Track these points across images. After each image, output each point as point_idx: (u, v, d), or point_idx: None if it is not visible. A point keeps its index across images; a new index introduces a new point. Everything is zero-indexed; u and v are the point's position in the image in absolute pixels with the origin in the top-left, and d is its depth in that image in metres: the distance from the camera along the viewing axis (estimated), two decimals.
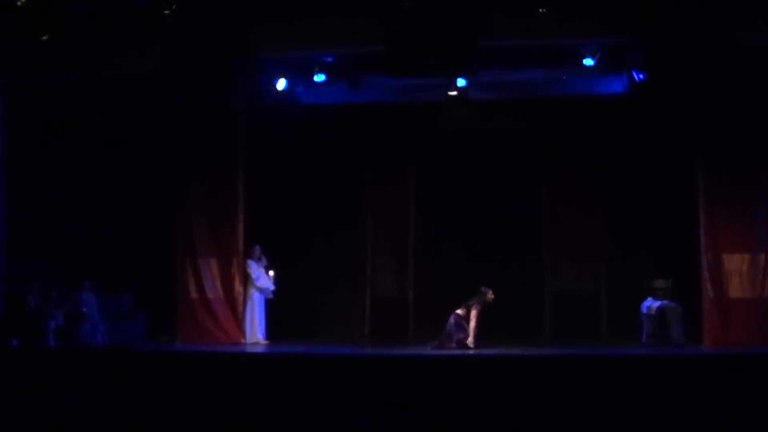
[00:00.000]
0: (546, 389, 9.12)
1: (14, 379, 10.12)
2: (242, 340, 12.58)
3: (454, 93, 12.78)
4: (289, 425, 9.13)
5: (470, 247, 13.76)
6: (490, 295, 11.53)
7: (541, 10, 11.06)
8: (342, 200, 14.11)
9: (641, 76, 11.91)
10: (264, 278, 12.84)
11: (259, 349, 12.13)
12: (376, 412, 9.02)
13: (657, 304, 11.75)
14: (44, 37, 11.83)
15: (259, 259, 12.86)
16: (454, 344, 11.32)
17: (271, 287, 12.89)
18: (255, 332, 12.71)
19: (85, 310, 12.77)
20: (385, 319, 13.97)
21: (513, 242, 13.73)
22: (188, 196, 12.99)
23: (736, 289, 11.58)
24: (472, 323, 11.36)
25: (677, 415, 8.72)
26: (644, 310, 11.95)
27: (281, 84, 12.61)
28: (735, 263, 11.64)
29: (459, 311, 11.47)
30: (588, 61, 11.65)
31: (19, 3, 11.33)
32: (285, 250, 13.19)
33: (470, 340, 11.31)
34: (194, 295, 12.81)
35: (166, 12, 11.49)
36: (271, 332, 12.88)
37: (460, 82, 12.44)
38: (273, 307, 13.02)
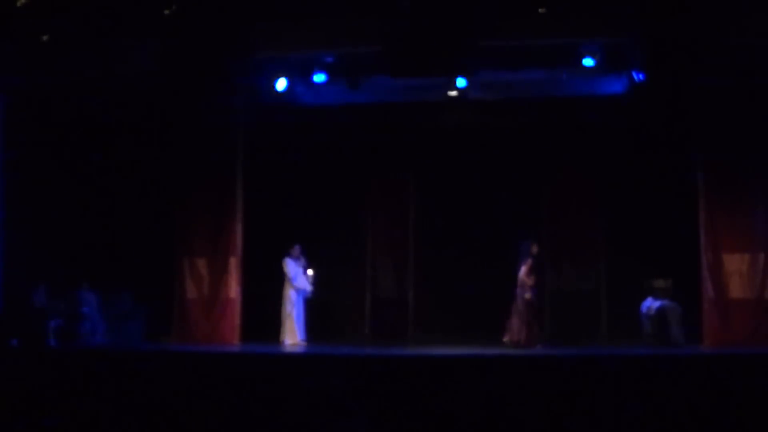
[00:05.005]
0: (545, 389, 9.12)
1: (14, 379, 10.11)
2: (235, 342, 12.57)
3: (454, 93, 12.77)
4: (289, 425, 9.13)
5: (470, 247, 13.74)
6: (535, 247, 11.91)
7: (540, 10, 11.06)
8: (342, 200, 14.09)
9: (641, 76, 11.91)
10: (301, 278, 12.82)
11: (259, 350, 12.12)
12: (377, 412, 9.02)
13: (657, 304, 11.76)
14: (44, 37, 11.83)
15: (297, 259, 12.84)
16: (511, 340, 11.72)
17: (309, 287, 12.88)
18: (294, 333, 12.65)
19: (85, 309, 12.77)
20: (385, 319, 13.95)
21: (513, 242, 13.70)
22: (188, 195, 13.00)
23: (736, 289, 11.60)
24: (529, 281, 11.78)
25: (677, 415, 8.72)
26: (644, 310, 11.96)
27: (281, 84, 12.58)
28: (735, 263, 11.66)
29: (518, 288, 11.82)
30: (588, 61, 11.63)
31: (19, 3, 11.32)
32: (284, 251, 13.15)
33: (528, 295, 11.77)
34: (190, 295, 12.82)
35: (166, 12, 11.49)
36: (271, 332, 12.86)
37: (460, 82, 12.43)
38: (274, 307, 13.01)
